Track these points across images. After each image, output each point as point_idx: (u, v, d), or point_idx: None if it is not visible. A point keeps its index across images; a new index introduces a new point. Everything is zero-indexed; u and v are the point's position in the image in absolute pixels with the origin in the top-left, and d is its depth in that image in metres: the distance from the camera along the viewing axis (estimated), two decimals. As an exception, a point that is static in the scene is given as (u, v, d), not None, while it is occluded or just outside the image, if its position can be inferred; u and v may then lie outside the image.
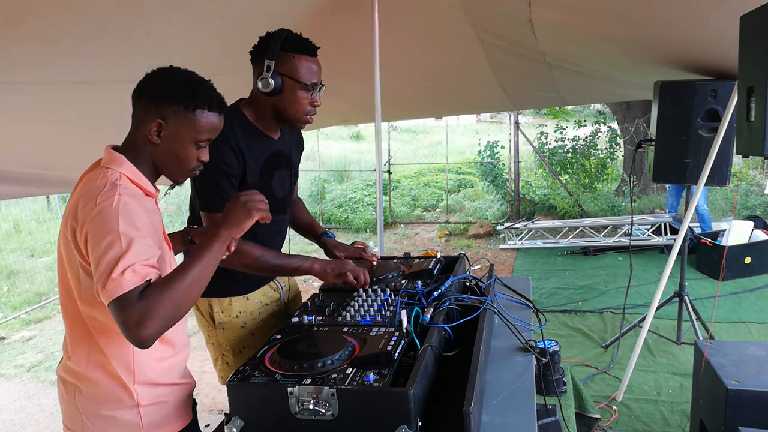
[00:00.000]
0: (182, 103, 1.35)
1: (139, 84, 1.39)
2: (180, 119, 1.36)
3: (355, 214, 9.02)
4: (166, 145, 1.38)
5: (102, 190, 1.28)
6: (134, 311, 1.16)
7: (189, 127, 1.37)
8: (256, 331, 1.98)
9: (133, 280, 1.18)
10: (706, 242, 5.50)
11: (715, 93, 3.16)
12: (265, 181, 1.86)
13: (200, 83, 1.40)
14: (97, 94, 2.52)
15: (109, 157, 1.39)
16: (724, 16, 2.30)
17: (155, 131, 1.36)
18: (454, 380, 1.43)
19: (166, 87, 1.36)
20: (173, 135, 1.37)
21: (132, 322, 1.16)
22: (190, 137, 1.38)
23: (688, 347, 3.85)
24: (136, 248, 1.21)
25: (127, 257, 1.19)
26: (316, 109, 1.83)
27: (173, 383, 1.48)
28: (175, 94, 1.35)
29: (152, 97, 1.36)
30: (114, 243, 1.21)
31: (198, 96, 1.37)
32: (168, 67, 1.40)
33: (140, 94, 1.38)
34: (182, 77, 1.39)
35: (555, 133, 8.99)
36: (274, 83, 1.71)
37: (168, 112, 1.35)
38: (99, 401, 1.39)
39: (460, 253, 2.19)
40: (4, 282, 6.66)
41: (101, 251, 1.21)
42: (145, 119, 1.36)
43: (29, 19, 1.75)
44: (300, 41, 1.76)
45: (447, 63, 4.13)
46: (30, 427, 3.61)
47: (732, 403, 2.11)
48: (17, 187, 3.28)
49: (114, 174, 1.34)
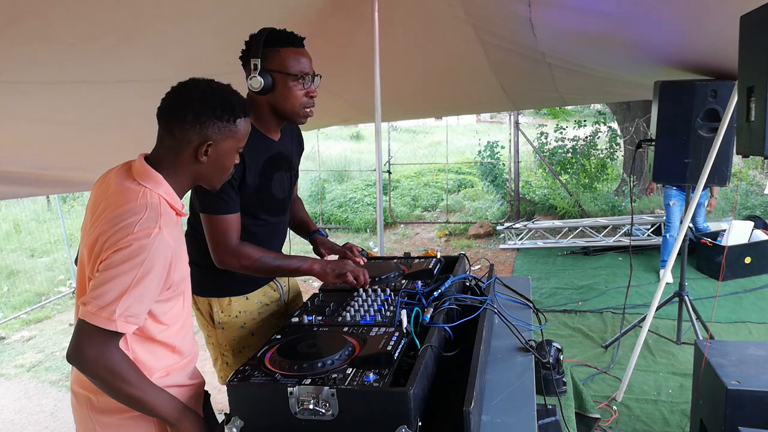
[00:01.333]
0: (224, 118, 1.36)
1: (169, 104, 1.36)
2: (224, 134, 1.37)
3: (355, 214, 9.02)
4: (214, 160, 1.39)
5: (142, 215, 1.28)
6: (87, 342, 1.25)
7: (233, 138, 1.40)
8: (256, 331, 1.98)
9: (105, 324, 1.24)
10: (706, 242, 5.50)
11: (715, 93, 3.16)
12: (264, 183, 1.85)
13: (231, 93, 1.40)
14: (98, 94, 2.52)
15: (145, 172, 1.36)
16: (724, 16, 2.30)
17: (204, 151, 1.36)
18: (454, 380, 1.43)
19: (205, 106, 1.34)
20: (220, 150, 1.39)
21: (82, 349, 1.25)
22: (234, 147, 1.42)
23: (688, 347, 3.85)
24: (131, 297, 1.25)
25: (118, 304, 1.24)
26: (313, 100, 1.82)
27: (182, 385, 1.49)
28: (217, 111, 1.35)
29: (194, 119, 1.34)
30: (128, 273, 1.24)
31: (235, 107, 1.38)
32: (191, 83, 1.38)
33: (175, 116, 1.35)
34: (215, 92, 1.37)
35: (555, 133, 8.99)
36: (263, 80, 1.71)
37: (213, 131, 1.35)
38: (112, 410, 1.39)
39: (460, 253, 2.19)
40: (4, 282, 6.66)
41: (109, 278, 1.24)
42: (189, 140, 1.35)
43: (29, 18, 1.75)
44: (283, 34, 1.75)
45: (447, 63, 4.13)
46: (30, 427, 3.60)
47: (732, 403, 2.11)
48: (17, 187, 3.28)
49: (153, 196, 1.33)
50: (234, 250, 1.76)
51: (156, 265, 1.27)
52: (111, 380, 1.28)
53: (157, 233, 1.27)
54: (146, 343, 1.39)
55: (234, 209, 1.77)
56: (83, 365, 1.26)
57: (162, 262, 1.29)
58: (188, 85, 1.37)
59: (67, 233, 6.78)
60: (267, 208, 1.90)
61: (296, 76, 1.75)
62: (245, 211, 1.82)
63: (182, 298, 1.46)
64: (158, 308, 1.37)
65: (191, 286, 1.59)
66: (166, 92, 1.38)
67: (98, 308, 1.23)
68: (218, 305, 1.93)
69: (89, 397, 1.41)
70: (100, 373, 1.27)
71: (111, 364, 1.26)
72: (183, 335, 1.48)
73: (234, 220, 1.77)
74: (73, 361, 1.27)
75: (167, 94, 1.37)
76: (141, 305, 1.28)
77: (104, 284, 1.24)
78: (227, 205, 1.75)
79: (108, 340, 1.26)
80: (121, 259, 1.24)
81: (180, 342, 1.47)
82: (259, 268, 1.80)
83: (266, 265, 1.80)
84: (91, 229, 1.35)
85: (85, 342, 1.24)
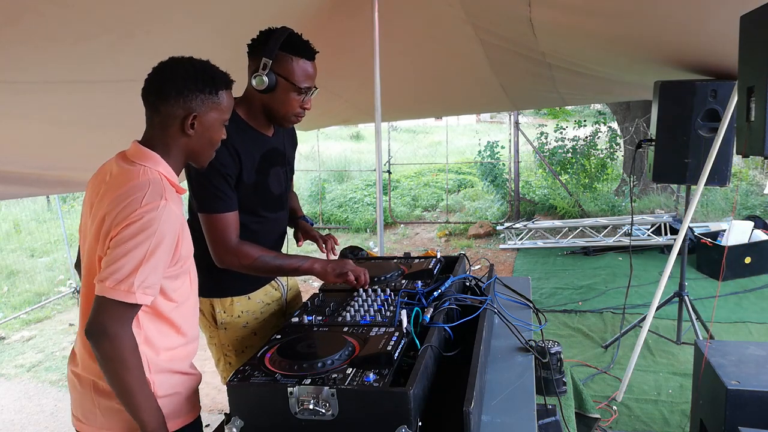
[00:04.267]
0: (206, 90, 1.40)
1: (152, 83, 1.40)
2: (208, 106, 1.41)
3: (355, 214, 9.02)
4: (200, 134, 1.43)
5: (146, 190, 1.31)
6: (109, 317, 1.27)
7: (216, 110, 1.43)
8: (258, 330, 1.98)
9: (125, 296, 1.27)
10: (706, 242, 5.50)
11: (715, 93, 3.16)
12: (261, 179, 1.85)
13: (210, 66, 1.44)
14: (97, 93, 2.52)
15: (141, 153, 1.40)
16: (724, 16, 2.30)
17: (190, 124, 1.39)
18: (454, 380, 1.43)
19: (186, 80, 1.38)
20: (206, 122, 1.42)
21: (103, 324, 1.27)
22: (219, 119, 1.45)
23: (688, 347, 3.85)
24: (146, 269, 1.28)
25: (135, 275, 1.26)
26: (305, 111, 1.83)
27: (185, 372, 1.52)
28: (198, 84, 1.39)
29: (176, 94, 1.37)
30: (136, 250, 1.27)
31: (216, 79, 1.42)
32: (171, 61, 1.41)
33: (159, 93, 1.38)
34: (195, 66, 1.41)
35: (555, 133, 8.99)
36: (268, 81, 1.71)
37: (196, 104, 1.39)
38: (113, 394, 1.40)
39: (460, 253, 2.19)
40: (4, 282, 6.66)
41: (122, 252, 1.26)
42: (174, 115, 1.39)
43: (28, 17, 1.75)
44: (300, 43, 1.75)
45: (447, 63, 4.13)
46: (30, 427, 3.60)
47: (732, 403, 2.11)
48: (17, 187, 3.28)
49: (153, 173, 1.37)
50: (234, 248, 1.76)
51: (167, 236, 1.31)
52: (119, 361, 1.29)
53: (165, 204, 1.31)
54: (155, 321, 1.42)
55: (232, 207, 1.77)
56: (101, 340, 1.27)
57: (171, 233, 1.33)
58: (168, 63, 1.41)
59: (67, 233, 6.77)
60: (265, 205, 1.90)
61: (299, 89, 1.76)
62: (243, 208, 1.82)
63: (188, 276, 1.49)
64: (168, 284, 1.40)
65: None
66: (148, 73, 1.41)
67: (116, 282, 1.26)
68: (220, 305, 1.93)
69: (94, 381, 1.42)
70: (112, 351, 1.28)
71: (124, 345, 1.29)
72: (189, 316, 1.52)
73: (232, 218, 1.77)
74: (93, 336, 1.28)
75: (149, 75, 1.41)
76: (156, 276, 1.31)
77: (119, 259, 1.27)
78: (225, 204, 1.75)
79: (128, 313, 1.30)
80: (133, 233, 1.27)
81: (185, 323, 1.50)
82: (259, 267, 1.80)
83: (266, 264, 1.80)
84: (93, 214, 1.38)
85: (106, 316, 1.27)
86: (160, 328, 1.43)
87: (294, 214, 2.23)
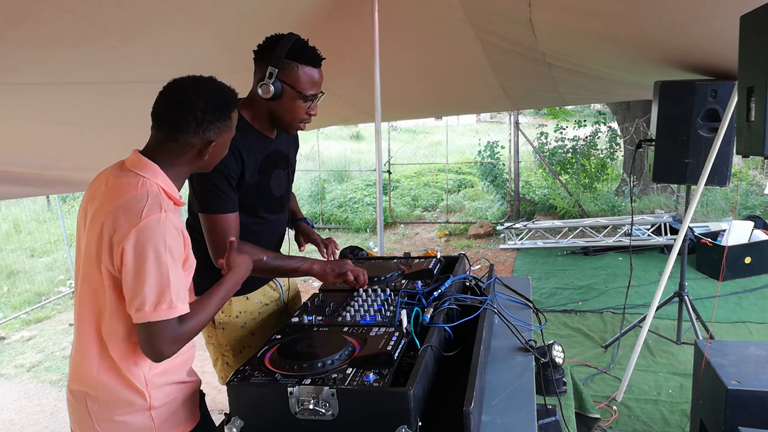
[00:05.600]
0: (221, 118, 1.40)
1: (168, 113, 1.37)
2: (222, 131, 1.42)
3: (355, 214, 9.02)
4: (213, 155, 1.45)
5: (146, 202, 1.31)
6: (163, 339, 1.29)
7: (228, 131, 1.46)
8: (256, 331, 1.98)
9: (169, 314, 1.29)
10: (706, 242, 5.50)
11: (715, 93, 3.16)
12: (263, 181, 1.86)
13: (222, 90, 1.42)
14: (98, 94, 2.53)
15: (141, 163, 1.39)
16: (724, 16, 2.30)
17: (207, 151, 1.41)
18: (454, 380, 1.43)
19: (205, 112, 1.36)
20: (220, 144, 1.45)
21: (158, 347, 1.30)
22: (230, 138, 1.48)
23: (688, 347, 3.85)
24: (173, 281, 1.30)
25: (168, 291, 1.28)
26: (311, 117, 1.83)
27: (182, 381, 1.50)
28: (216, 114, 1.38)
29: (196, 126, 1.36)
30: (156, 268, 1.28)
31: (229, 104, 1.42)
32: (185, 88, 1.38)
33: (177, 125, 1.36)
34: (210, 93, 1.39)
35: (555, 133, 8.99)
36: (274, 90, 1.70)
37: (213, 132, 1.40)
38: (111, 407, 1.40)
39: (460, 253, 2.19)
40: (4, 282, 6.67)
41: (144, 275, 1.27)
42: (191, 144, 1.39)
43: (29, 20, 1.75)
44: (307, 51, 1.73)
45: (447, 63, 4.13)
46: (30, 427, 3.61)
47: (732, 403, 2.11)
48: (17, 187, 3.28)
49: (152, 185, 1.36)
50: None
51: (174, 245, 1.32)
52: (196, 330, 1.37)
53: (165, 216, 1.31)
54: None
55: (232, 208, 1.77)
56: (168, 356, 1.33)
57: (178, 242, 1.34)
58: (182, 90, 1.37)
59: (67, 233, 6.78)
60: (266, 206, 1.91)
61: (305, 96, 1.75)
62: (245, 209, 1.82)
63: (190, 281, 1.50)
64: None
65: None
66: (161, 97, 1.38)
67: (155, 306, 1.28)
68: (218, 305, 1.93)
69: (86, 393, 1.41)
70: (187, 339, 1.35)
71: (189, 334, 1.35)
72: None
73: (233, 220, 1.77)
74: (161, 359, 1.33)
75: (163, 101, 1.37)
76: (183, 282, 1.34)
77: (144, 284, 1.27)
78: (226, 205, 1.75)
79: (176, 326, 1.32)
80: (145, 253, 1.27)
81: None
82: (258, 267, 1.79)
83: (266, 265, 1.80)
84: (90, 224, 1.37)
85: (161, 342, 1.30)
86: None
87: (294, 217, 2.23)
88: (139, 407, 1.40)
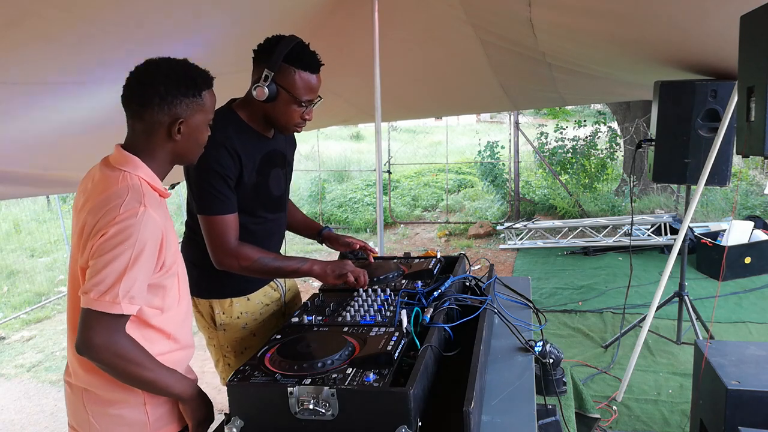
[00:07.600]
0: (190, 93, 1.37)
1: (133, 90, 1.37)
2: (193, 109, 1.39)
3: (355, 214, 9.02)
4: (187, 137, 1.41)
5: (125, 197, 1.29)
6: (94, 331, 1.25)
7: (201, 111, 1.41)
8: (258, 331, 1.98)
9: (110, 308, 1.25)
10: (706, 242, 5.50)
11: (715, 93, 3.16)
12: (261, 181, 1.85)
13: (190, 66, 1.41)
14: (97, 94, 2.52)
15: (122, 157, 1.38)
16: (724, 16, 2.30)
17: (177, 129, 1.38)
18: (454, 380, 1.43)
19: (169, 85, 1.35)
20: (192, 125, 1.40)
21: (87, 337, 1.25)
22: (204, 120, 1.44)
23: (688, 347, 3.85)
24: (128, 278, 1.26)
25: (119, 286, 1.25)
26: (305, 121, 1.82)
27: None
28: (181, 88, 1.36)
29: (160, 100, 1.35)
30: (117, 260, 1.25)
31: (198, 80, 1.40)
32: (149, 65, 1.38)
33: (141, 100, 1.35)
34: (174, 68, 1.38)
35: (555, 133, 8.99)
36: (268, 93, 1.69)
37: (181, 108, 1.37)
38: (106, 400, 1.40)
39: (460, 253, 2.19)
40: (4, 282, 6.66)
41: (102, 263, 1.25)
42: (160, 122, 1.36)
43: (29, 20, 1.75)
44: (305, 56, 1.72)
45: (447, 63, 4.13)
46: (30, 427, 3.60)
47: (732, 403, 2.11)
48: (17, 187, 3.28)
49: (133, 178, 1.35)
50: (233, 250, 1.76)
51: (148, 243, 1.29)
52: (123, 365, 1.29)
53: (143, 211, 1.29)
54: (141, 328, 1.39)
55: (231, 209, 1.76)
56: (94, 354, 1.27)
57: (153, 239, 1.31)
58: (148, 67, 1.37)
59: (67, 233, 6.78)
60: (264, 205, 1.90)
61: (301, 102, 1.75)
62: (243, 209, 1.82)
63: (176, 280, 1.46)
64: (153, 292, 1.38)
65: (191, 288, 1.59)
66: (126, 78, 1.38)
67: (100, 294, 1.24)
68: (219, 307, 1.92)
69: (84, 389, 1.41)
70: (112, 359, 1.28)
71: (121, 350, 1.28)
72: (179, 322, 1.49)
73: (232, 220, 1.77)
74: (84, 353, 1.27)
75: (128, 81, 1.37)
76: (141, 284, 1.30)
77: (102, 270, 1.25)
78: (224, 205, 1.74)
79: (115, 324, 1.27)
80: (113, 243, 1.25)
81: (175, 329, 1.47)
82: (258, 269, 1.79)
83: (265, 265, 1.80)
84: (75, 222, 1.37)
85: (93, 330, 1.26)
86: (147, 335, 1.40)
87: (313, 228, 2.23)
88: (134, 401, 1.40)
